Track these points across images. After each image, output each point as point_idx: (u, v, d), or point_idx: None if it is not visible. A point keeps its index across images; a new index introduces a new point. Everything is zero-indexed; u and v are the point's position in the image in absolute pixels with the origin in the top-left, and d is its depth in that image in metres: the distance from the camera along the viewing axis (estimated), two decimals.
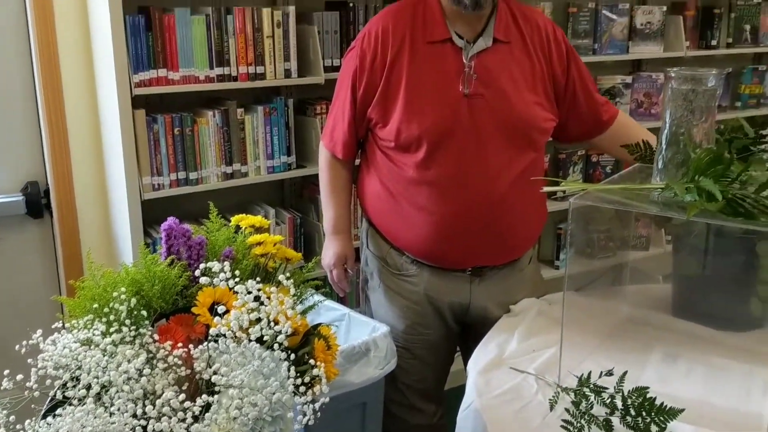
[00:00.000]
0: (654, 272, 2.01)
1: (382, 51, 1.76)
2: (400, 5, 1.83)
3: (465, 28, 1.76)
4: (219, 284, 1.24)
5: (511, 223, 1.82)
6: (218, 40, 2.40)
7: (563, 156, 3.41)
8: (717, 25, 3.63)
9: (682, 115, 1.34)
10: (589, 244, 1.78)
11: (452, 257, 1.84)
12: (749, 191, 1.26)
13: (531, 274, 1.98)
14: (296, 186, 2.85)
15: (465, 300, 1.88)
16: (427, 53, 1.75)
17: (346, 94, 1.83)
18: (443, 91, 1.73)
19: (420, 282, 1.88)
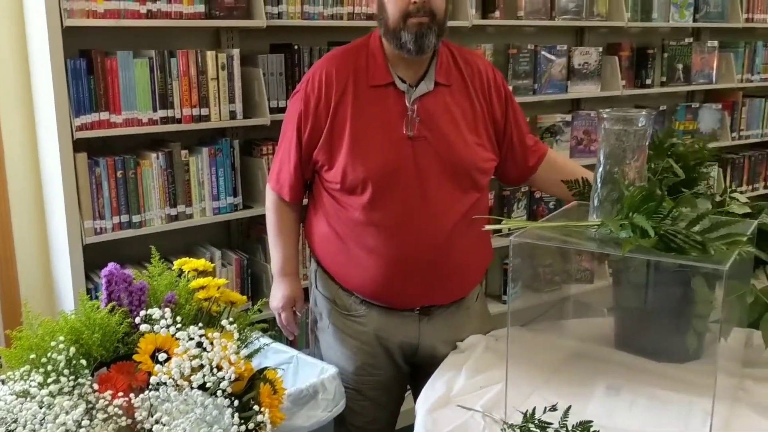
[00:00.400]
0: (599, 305, 2.05)
1: (326, 95, 1.78)
2: (343, 50, 1.86)
3: (407, 71, 1.80)
4: (159, 331, 1.22)
5: (457, 262, 1.84)
6: (161, 83, 2.40)
7: (507, 193, 3.47)
8: (651, 65, 3.77)
9: (615, 155, 1.39)
10: (534, 279, 1.81)
11: (401, 297, 1.85)
12: (680, 227, 1.31)
13: (478, 311, 2.00)
14: (243, 227, 2.83)
15: (414, 339, 1.89)
16: (371, 97, 1.78)
17: (292, 137, 1.84)
18: (387, 133, 1.76)
19: (369, 322, 1.88)
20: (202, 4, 2.46)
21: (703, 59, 3.99)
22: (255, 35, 2.73)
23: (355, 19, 2.78)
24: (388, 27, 1.74)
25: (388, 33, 1.75)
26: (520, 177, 2.01)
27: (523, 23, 3.34)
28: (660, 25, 3.79)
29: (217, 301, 1.46)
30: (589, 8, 3.47)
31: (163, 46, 2.47)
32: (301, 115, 1.81)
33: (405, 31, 1.72)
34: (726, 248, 1.28)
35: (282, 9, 2.64)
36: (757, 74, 4.25)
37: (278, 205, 1.95)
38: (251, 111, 2.65)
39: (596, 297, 2.12)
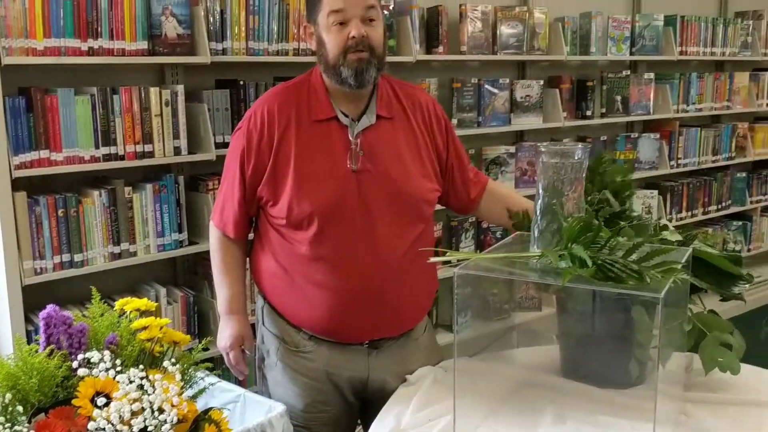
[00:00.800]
0: (547, 332, 2.08)
1: (268, 131, 1.79)
2: (285, 86, 1.87)
3: (349, 106, 1.81)
4: (98, 375, 1.19)
5: (404, 294, 1.85)
6: (104, 120, 2.37)
7: (455, 224, 3.51)
8: (591, 97, 3.88)
9: (553, 187, 1.42)
10: (483, 308, 1.83)
11: (349, 331, 1.84)
12: (617, 256, 1.34)
13: (427, 343, 2.01)
14: (189, 263, 2.80)
15: (363, 374, 1.88)
16: (314, 132, 1.79)
17: (235, 174, 1.84)
18: (331, 167, 1.77)
19: (318, 358, 1.87)
20: (145, 41, 2.45)
21: (640, 91, 4.13)
22: (200, 71, 2.73)
23: (300, 55, 2.81)
24: (328, 63, 1.76)
25: (329, 68, 1.76)
26: (462, 208, 2.04)
27: (466, 58, 3.41)
28: (598, 58, 3.91)
29: (160, 341, 1.43)
30: (530, 43, 3.56)
31: (106, 82, 2.45)
32: (244, 152, 1.81)
33: (345, 66, 1.73)
34: (662, 276, 1.32)
35: (227, 45, 2.65)
36: (692, 104, 4.41)
37: (223, 243, 1.93)
38: (196, 146, 2.63)
39: (544, 324, 2.15)
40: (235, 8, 2.64)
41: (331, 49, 1.74)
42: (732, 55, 4.60)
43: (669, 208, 4.39)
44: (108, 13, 2.37)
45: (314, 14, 1.77)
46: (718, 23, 4.47)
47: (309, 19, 1.80)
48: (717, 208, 4.70)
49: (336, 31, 1.72)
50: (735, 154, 4.74)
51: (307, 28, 1.81)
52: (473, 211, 2.05)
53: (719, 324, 1.64)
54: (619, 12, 4.10)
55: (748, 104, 4.75)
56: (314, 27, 1.78)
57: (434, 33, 3.28)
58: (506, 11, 3.46)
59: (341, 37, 1.72)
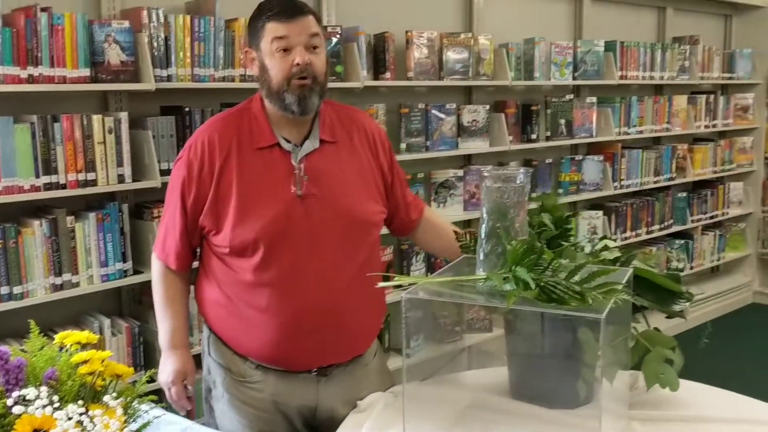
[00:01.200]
0: (498, 353, 2.09)
1: (209, 160, 1.77)
2: (225, 115, 1.86)
3: (292, 131, 1.81)
4: (34, 412, 1.15)
5: (352, 319, 1.84)
6: (44, 148, 2.32)
7: (406, 247, 3.52)
8: (536, 121, 3.96)
9: (497, 211, 1.44)
10: (434, 331, 1.84)
11: (297, 359, 1.82)
12: (560, 278, 1.36)
13: (377, 368, 2.00)
14: (134, 293, 2.74)
15: (312, 402, 1.86)
16: (257, 159, 1.78)
17: (176, 204, 1.81)
18: (275, 193, 1.76)
19: (266, 388, 1.84)
20: (88, 68, 2.42)
21: (584, 114, 4.23)
22: (145, 97, 2.70)
23: (247, 81, 2.80)
24: (272, 89, 1.75)
25: (272, 95, 1.76)
26: (404, 230, 2.05)
27: (413, 83, 3.45)
28: (542, 83, 4.00)
29: (101, 375, 1.40)
30: (476, 68, 3.63)
31: (47, 110, 2.40)
32: (185, 182, 1.79)
33: (288, 92, 1.73)
34: (603, 297, 1.34)
35: (172, 71, 2.63)
36: (633, 127, 4.54)
37: (165, 274, 1.90)
38: (141, 174, 2.60)
39: (495, 345, 2.17)
40: (180, 35, 2.63)
41: (275, 75, 1.74)
42: (670, 78, 4.75)
43: (614, 228, 4.49)
44: (48, 41, 2.33)
45: (256, 40, 1.76)
46: (657, 48, 4.62)
47: (251, 44, 1.79)
48: (660, 227, 4.83)
49: (279, 57, 1.72)
50: (675, 174, 4.89)
51: (249, 53, 1.80)
52: (411, 233, 2.06)
53: (662, 340, 1.68)
54: (561, 38, 4.20)
55: (687, 126, 4.91)
56: (257, 52, 1.77)
57: (381, 59, 3.31)
58: (452, 38, 3.52)
59: (285, 64, 1.72)
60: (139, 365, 2.55)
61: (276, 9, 1.73)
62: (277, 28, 1.72)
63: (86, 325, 2.53)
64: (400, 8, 3.58)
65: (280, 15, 1.72)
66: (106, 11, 2.61)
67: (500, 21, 3.98)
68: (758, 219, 5.61)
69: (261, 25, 1.74)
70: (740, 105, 5.42)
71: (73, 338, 1.44)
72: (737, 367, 4.30)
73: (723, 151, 5.28)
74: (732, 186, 5.42)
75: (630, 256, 1.66)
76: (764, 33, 5.45)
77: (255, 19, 1.77)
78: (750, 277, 5.67)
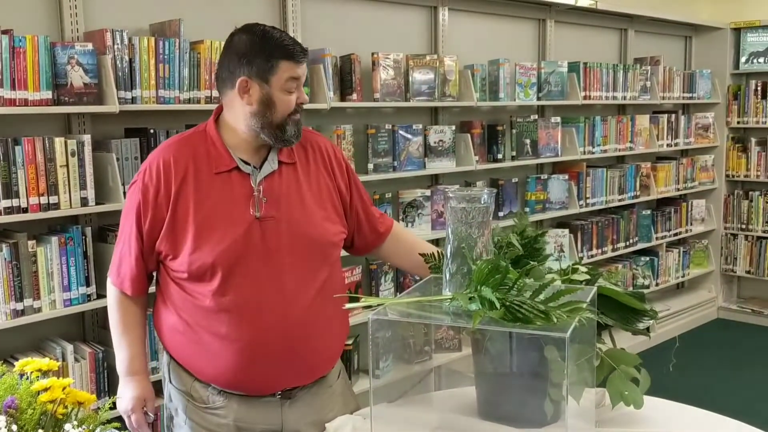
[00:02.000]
0: (467, 373, 2.09)
1: (165, 184, 1.75)
2: (179, 138, 1.85)
3: (249, 154, 1.81)
4: None
5: (315, 340, 1.83)
6: (5, 171, 2.29)
7: (375, 267, 3.52)
8: (501, 141, 4.00)
9: (462, 231, 1.45)
10: (403, 351, 1.83)
11: (259, 383, 1.81)
12: (525, 297, 1.37)
13: (341, 389, 1.99)
14: (98, 317, 2.70)
15: (277, 426, 1.84)
16: (214, 183, 1.77)
17: (131, 229, 1.79)
18: (233, 216, 1.75)
19: (229, 413, 1.82)
20: (50, 91, 2.39)
21: (548, 134, 4.28)
22: (109, 120, 2.67)
23: (213, 102, 2.79)
24: (273, 122, 1.77)
25: (270, 127, 1.77)
26: (368, 246, 2.04)
27: (380, 105, 3.47)
28: (507, 103, 4.05)
29: (63, 402, 1.37)
30: (441, 89, 3.66)
31: (8, 133, 2.37)
32: (140, 206, 1.77)
33: (289, 125, 1.78)
34: (567, 315, 1.35)
35: (136, 93, 2.61)
36: (597, 146, 4.61)
37: (121, 301, 1.87)
38: (105, 196, 2.57)
39: (464, 365, 2.17)
40: (145, 56, 2.61)
41: (281, 110, 1.77)
42: (632, 98, 4.84)
43: (580, 246, 4.54)
44: (10, 63, 2.30)
45: (266, 74, 1.74)
46: (619, 69, 4.71)
47: (254, 75, 1.75)
48: (625, 244, 4.89)
49: (288, 94, 1.77)
50: (639, 192, 4.97)
51: (246, 82, 1.75)
52: (377, 247, 2.05)
53: (626, 358, 1.69)
54: (525, 59, 4.26)
55: (650, 145, 5.00)
56: (261, 85, 1.75)
57: (348, 80, 3.33)
58: (417, 59, 3.55)
59: (291, 101, 1.78)
60: (104, 391, 2.50)
61: (290, 48, 1.76)
62: (294, 68, 1.76)
63: (48, 351, 2.48)
64: (366, 30, 3.61)
65: (297, 56, 1.76)
66: (69, 33, 2.59)
67: (465, 43, 4.03)
68: (720, 236, 5.72)
69: (275, 62, 1.74)
70: (701, 124, 5.55)
71: (33, 366, 1.41)
72: (702, 382, 4.36)
73: (685, 169, 5.38)
74: (695, 203, 5.52)
75: (595, 275, 1.68)
76: (723, 54, 5.59)
77: (264, 53, 1.74)
78: (714, 293, 5.76)
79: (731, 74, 5.64)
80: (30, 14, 2.54)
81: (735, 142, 5.70)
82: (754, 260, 5.61)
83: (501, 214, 4.03)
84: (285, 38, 1.78)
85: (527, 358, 1.62)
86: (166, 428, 1.96)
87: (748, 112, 5.56)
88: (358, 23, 3.59)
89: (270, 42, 1.76)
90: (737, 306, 5.75)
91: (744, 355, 4.95)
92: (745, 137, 5.70)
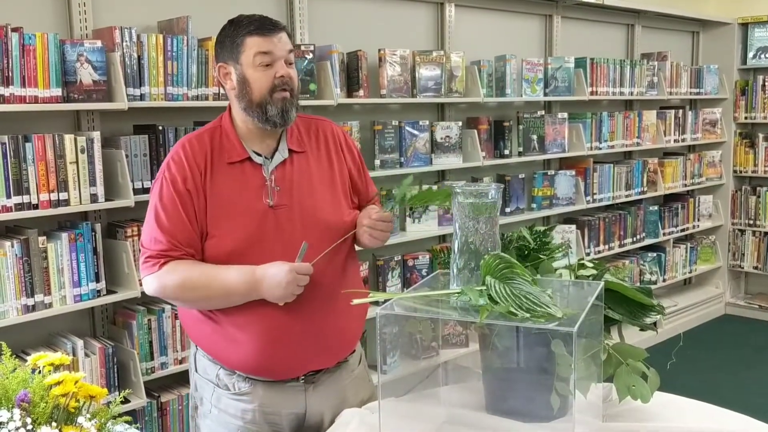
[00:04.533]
0: (474, 368, 2.10)
1: (191, 173, 1.77)
2: (197, 133, 1.87)
3: (261, 145, 1.84)
4: None
5: (335, 322, 1.86)
6: (15, 168, 2.31)
7: (381, 263, 3.53)
8: (508, 137, 4.00)
9: (469, 226, 1.46)
10: (411, 347, 1.84)
11: (284, 367, 1.83)
12: (533, 291, 1.38)
13: (362, 375, 2.01)
14: (107, 313, 2.72)
15: (301, 410, 1.87)
16: (229, 174, 1.80)
17: (179, 213, 1.75)
18: (248, 206, 1.78)
19: (254, 399, 1.84)
20: (59, 88, 2.41)
21: (555, 130, 4.28)
22: (117, 117, 2.69)
23: (221, 100, 2.80)
24: (253, 102, 1.77)
25: (252, 107, 1.78)
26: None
27: (387, 101, 3.47)
28: (514, 99, 4.05)
29: (75, 396, 1.38)
30: (448, 85, 3.66)
31: (19, 130, 2.38)
32: (180, 194, 1.76)
33: (271, 104, 1.77)
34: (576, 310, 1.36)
35: (145, 90, 2.62)
36: (604, 142, 4.61)
37: (184, 266, 1.75)
38: (114, 193, 2.58)
39: (472, 360, 2.18)
40: (153, 54, 2.63)
41: (258, 88, 1.77)
42: (639, 94, 4.83)
43: (587, 242, 4.54)
44: (20, 61, 2.32)
45: (234, 54, 1.78)
46: (626, 65, 4.70)
47: (225, 59, 1.80)
48: (632, 240, 4.89)
49: (262, 70, 1.76)
50: (647, 188, 4.96)
51: (223, 67, 1.81)
52: None
53: (633, 352, 1.70)
54: (532, 55, 4.26)
55: (657, 141, 4.99)
56: (234, 66, 1.79)
57: (354, 77, 3.33)
58: (424, 55, 3.56)
59: (268, 77, 1.76)
60: (113, 386, 2.52)
61: (256, 24, 1.77)
62: (260, 42, 1.75)
63: (59, 346, 2.50)
64: (373, 26, 3.62)
65: (262, 29, 1.76)
66: (78, 31, 2.60)
67: (472, 38, 4.03)
68: (728, 231, 5.71)
69: (240, 40, 1.76)
70: (708, 119, 5.53)
71: (46, 360, 1.42)
72: (710, 378, 4.36)
73: (692, 164, 5.37)
74: (702, 199, 5.51)
75: (602, 270, 1.68)
76: (730, 49, 5.58)
77: (230, 34, 1.79)
78: (721, 288, 5.75)
79: (739, 69, 5.63)
80: (39, 12, 2.56)
81: (742, 138, 5.68)
82: (761, 256, 5.60)
83: (508, 210, 4.03)
84: (254, 16, 1.79)
85: (534, 352, 1.63)
86: (190, 418, 1.98)
87: (755, 108, 5.55)
88: (364, 19, 3.59)
89: (237, 23, 1.79)
90: (744, 302, 5.74)
91: (751, 350, 4.94)
92: (752, 133, 5.68)
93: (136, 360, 2.55)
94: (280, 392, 1.85)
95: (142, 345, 2.64)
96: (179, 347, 2.74)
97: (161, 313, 2.69)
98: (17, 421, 1.16)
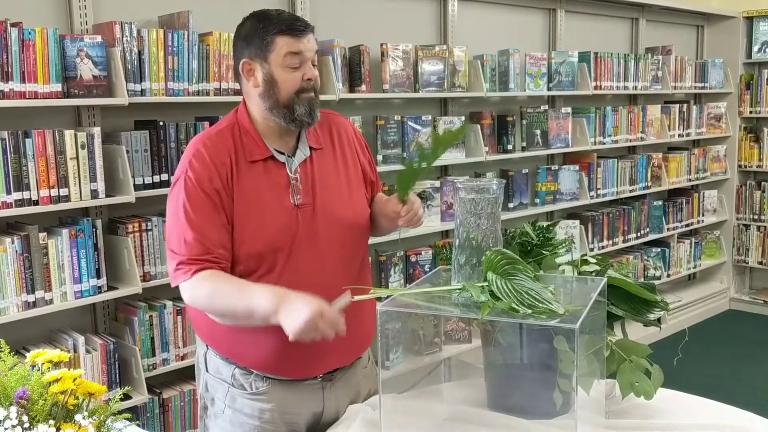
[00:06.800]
0: (476, 364, 2.09)
1: (217, 172, 1.74)
2: (216, 131, 1.82)
3: (280, 143, 1.81)
4: None
5: (353, 322, 1.84)
6: (15, 164, 2.30)
7: (384, 258, 3.52)
8: (511, 132, 3.98)
9: (471, 221, 1.44)
10: (413, 343, 1.83)
11: (302, 365, 1.82)
12: (535, 287, 1.37)
13: (371, 369, 2.01)
14: (109, 309, 2.71)
15: (318, 408, 1.87)
16: (252, 173, 1.77)
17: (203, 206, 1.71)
18: (275, 205, 1.76)
19: (272, 399, 1.83)
20: (59, 83, 2.39)
21: (559, 125, 4.26)
22: (118, 112, 2.68)
23: (222, 95, 2.79)
24: (280, 102, 1.75)
25: (278, 106, 1.75)
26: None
27: (389, 96, 3.46)
28: (517, 94, 4.03)
29: (74, 394, 1.38)
30: (451, 80, 3.64)
31: (18, 126, 2.38)
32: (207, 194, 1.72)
33: (299, 104, 1.75)
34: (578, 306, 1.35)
35: (145, 86, 2.61)
36: (608, 137, 4.58)
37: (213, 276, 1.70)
38: (115, 189, 2.57)
39: (474, 357, 2.17)
40: (154, 49, 2.61)
41: (286, 88, 1.74)
42: (644, 89, 4.81)
43: (591, 237, 4.52)
44: (19, 56, 2.31)
45: (263, 52, 1.74)
46: (630, 59, 4.68)
47: (251, 55, 1.76)
48: (636, 235, 4.87)
49: (290, 71, 1.74)
50: (651, 183, 4.94)
51: (248, 64, 1.76)
52: None
53: (636, 348, 1.69)
54: (535, 49, 4.24)
55: (661, 135, 4.97)
56: (261, 64, 1.75)
57: (357, 72, 3.32)
58: (426, 50, 3.54)
59: (296, 78, 1.74)
60: (115, 382, 2.52)
61: (287, 23, 1.74)
62: (291, 43, 1.73)
63: (60, 343, 2.50)
64: (375, 21, 3.60)
65: (294, 30, 1.73)
66: (78, 26, 2.59)
67: (475, 33, 4.01)
68: (732, 226, 5.68)
69: (270, 38, 1.73)
70: (713, 114, 5.50)
71: (45, 357, 1.42)
72: (714, 373, 4.34)
73: (697, 159, 5.35)
74: (706, 194, 5.49)
75: (605, 266, 1.67)
76: (735, 43, 5.54)
77: (260, 31, 1.74)
78: (726, 284, 5.73)
79: (743, 63, 5.59)
80: (39, 7, 2.55)
81: (747, 132, 5.65)
82: (766, 251, 5.58)
83: (511, 206, 4.02)
84: (284, 14, 1.76)
85: (537, 349, 1.62)
86: (198, 419, 1.96)
87: (760, 102, 5.51)
88: (366, 14, 3.57)
89: (266, 20, 1.75)
90: (749, 297, 5.71)
91: (756, 346, 4.92)
92: (757, 127, 5.65)
93: (137, 356, 2.55)
94: (298, 391, 1.84)
95: (144, 341, 2.63)
96: (181, 343, 2.73)
97: (163, 309, 2.68)
98: (14, 419, 1.15)
